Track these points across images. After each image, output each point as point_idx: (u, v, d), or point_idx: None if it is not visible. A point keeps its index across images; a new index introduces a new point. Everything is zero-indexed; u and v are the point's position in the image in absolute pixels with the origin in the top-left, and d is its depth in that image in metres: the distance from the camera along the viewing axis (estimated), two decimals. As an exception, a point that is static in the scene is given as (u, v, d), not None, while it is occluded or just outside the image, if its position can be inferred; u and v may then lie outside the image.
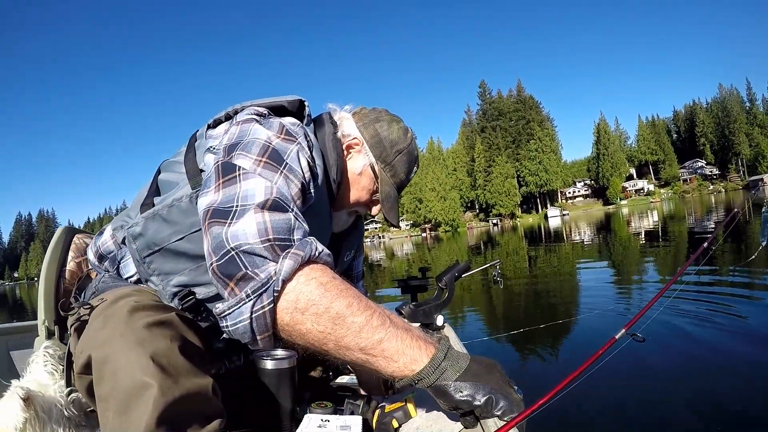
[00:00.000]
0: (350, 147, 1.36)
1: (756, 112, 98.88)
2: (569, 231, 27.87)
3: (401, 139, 1.38)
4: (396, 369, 0.87)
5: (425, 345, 0.89)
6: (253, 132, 1.08)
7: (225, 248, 0.88)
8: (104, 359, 0.89)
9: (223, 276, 0.89)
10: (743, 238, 9.41)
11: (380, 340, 0.86)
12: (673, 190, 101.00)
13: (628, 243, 14.29)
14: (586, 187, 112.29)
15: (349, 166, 1.36)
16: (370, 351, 0.86)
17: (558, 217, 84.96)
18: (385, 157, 1.36)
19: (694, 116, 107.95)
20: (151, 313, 0.97)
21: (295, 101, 1.26)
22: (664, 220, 23.73)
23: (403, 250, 33.44)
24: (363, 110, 1.43)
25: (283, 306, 0.87)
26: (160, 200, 1.18)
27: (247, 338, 0.89)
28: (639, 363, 3.21)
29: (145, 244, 1.13)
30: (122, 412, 0.83)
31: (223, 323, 0.90)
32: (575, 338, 4.27)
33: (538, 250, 16.65)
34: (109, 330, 0.93)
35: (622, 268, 8.70)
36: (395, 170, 1.38)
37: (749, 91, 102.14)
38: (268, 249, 0.88)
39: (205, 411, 0.91)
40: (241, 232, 0.89)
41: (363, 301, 0.89)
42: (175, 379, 0.87)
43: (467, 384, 0.87)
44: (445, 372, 0.87)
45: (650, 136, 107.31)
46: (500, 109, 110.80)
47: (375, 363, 0.87)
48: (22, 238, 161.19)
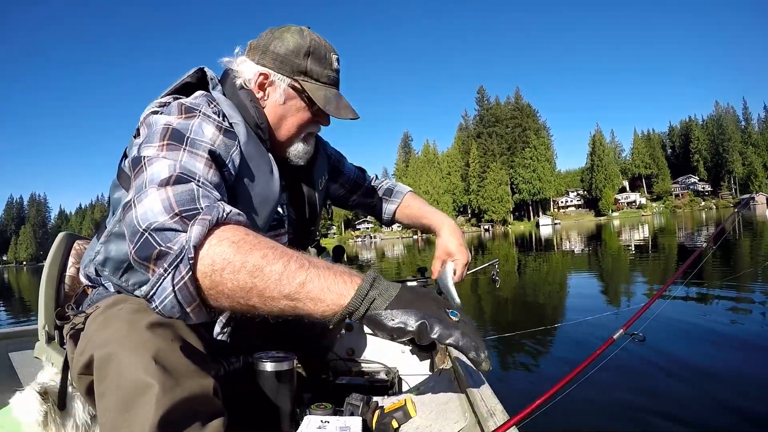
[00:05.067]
0: (261, 85, 1.30)
1: (751, 131, 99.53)
2: (560, 240, 27.95)
3: (300, 42, 1.28)
4: (324, 308, 0.87)
5: (350, 278, 0.89)
6: (155, 122, 1.09)
7: (138, 232, 0.89)
8: (106, 359, 0.89)
9: (142, 260, 0.90)
10: (734, 250, 9.55)
11: (302, 282, 0.86)
12: (664, 205, 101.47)
13: (618, 254, 14.37)
14: (578, 198, 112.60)
15: (272, 102, 1.30)
16: (294, 296, 0.86)
17: (549, 226, 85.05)
18: (298, 68, 1.28)
19: (689, 132, 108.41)
20: (152, 314, 0.96)
21: (196, 72, 1.26)
22: (655, 233, 23.87)
23: (394, 251, 33.40)
24: (253, 43, 1.34)
25: (202, 271, 0.87)
26: (110, 219, 1.19)
27: (177, 313, 0.90)
28: (639, 362, 3.26)
29: (114, 265, 1.13)
30: (124, 412, 0.84)
31: (152, 305, 0.91)
32: (573, 340, 4.32)
33: (528, 256, 16.70)
34: (112, 330, 0.93)
35: (611, 278, 8.76)
36: (315, 72, 1.29)
37: (745, 110, 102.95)
38: (177, 222, 0.88)
39: (207, 411, 0.91)
40: (149, 212, 0.90)
41: (279, 249, 0.89)
42: (177, 379, 0.87)
43: (398, 311, 0.86)
44: (374, 301, 0.87)
45: (645, 150, 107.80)
46: (497, 116, 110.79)
47: (303, 307, 0.87)
48: (13, 221, 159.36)
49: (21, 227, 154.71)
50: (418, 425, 1.38)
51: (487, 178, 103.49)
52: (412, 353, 2.21)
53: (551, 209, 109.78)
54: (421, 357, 2.22)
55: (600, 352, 1.53)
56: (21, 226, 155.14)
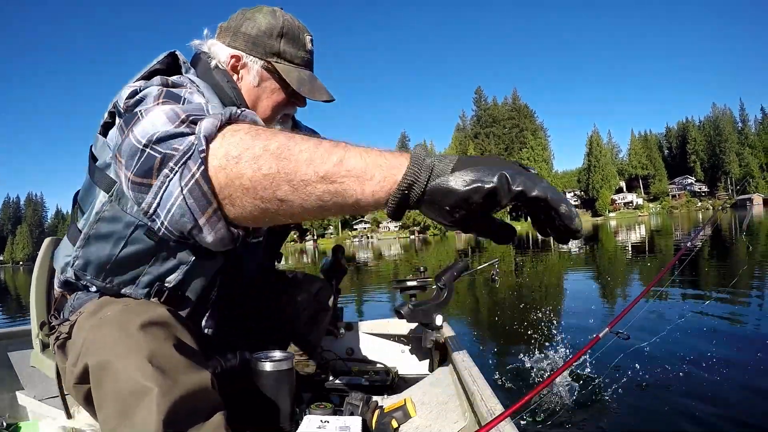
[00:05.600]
0: (234, 68, 1.27)
1: (747, 132, 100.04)
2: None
3: (272, 23, 1.26)
4: (375, 187, 0.68)
5: (397, 152, 0.72)
6: (144, 91, 0.96)
7: (137, 150, 0.77)
8: (101, 366, 0.88)
9: (143, 178, 0.77)
10: (727, 249, 9.61)
11: (340, 159, 0.69)
12: (661, 205, 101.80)
13: (614, 254, 14.42)
14: (575, 198, 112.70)
15: (246, 84, 1.28)
16: (333, 176, 0.68)
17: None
18: (270, 50, 1.26)
19: (686, 133, 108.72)
20: (142, 312, 0.95)
21: (166, 58, 1.15)
22: (651, 234, 23.95)
23: (391, 251, 33.35)
24: (223, 25, 1.31)
25: (215, 164, 0.73)
26: (84, 223, 1.11)
27: (189, 224, 0.76)
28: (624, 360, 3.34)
29: (97, 268, 1.09)
30: (124, 419, 0.83)
31: (156, 223, 0.79)
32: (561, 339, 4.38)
33: (525, 256, 16.72)
34: (103, 336, 0.92)
35: (607, 277, 8.80)
36: (288, 53, 1.27)
37: (742, 112, 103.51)
38: (185, 126, 0.78)
39: (207, 405, 0.91)
40: (149, 125, 0.79)
41: (305, 138, 0.74)
42: (174, 378, 0.86)
43: (468, 170, 0.65)
44: (434, 167, 0.67)
45: (642, 151, 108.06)
46: (494, 116, 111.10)
47: (348, 190, 0.69)
48: (9, 221, 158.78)
49: (17, 227, 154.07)
50: (418, 425, 1.40)
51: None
52: (412, 353, 2.21)
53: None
54: (420, 357, 2.24)
55: (586, 349, 1.60)
56: (17, 226, 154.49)
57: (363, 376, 2.00)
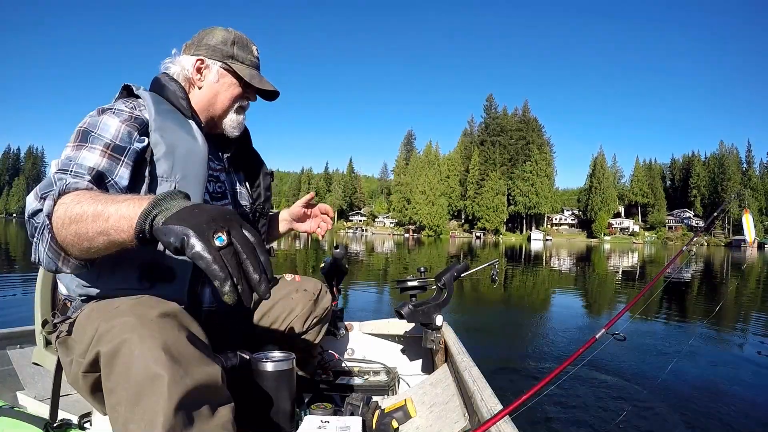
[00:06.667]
0: (199, 69, 1.53)
1: (752, 174, 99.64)
2: (549, 256, 28.03)
3: (227, 35, 1.55)
4: (126, 235, 0.90)
5: (139, 202, 0.91)
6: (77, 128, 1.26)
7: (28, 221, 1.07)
8: (115, 353, 0.92)
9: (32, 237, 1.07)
10: (718, 284, 9.69)
11: (107, 218, 0.92)
12: (657, 235, 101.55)
13: (604, 277, 14.49)
14: (573, 217, 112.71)
15: (208, 81, 1.53)
16: (105, 231, 0.93)
17: (541, 241, 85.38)
18: (227, 54, 1.54)
19: (690, 167, 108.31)
20: (156, 305, 1.01)
21: (122, 91, 1.42)
22: (643, 262, 24.01)
23: (384, 247, 33.36)
24: (188, 43, 1.59)
25: (56, 229, 0.99)
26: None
27: (53, 267, 1.03)
28: (620, 360, 3.42)
29: (86, 281, 1.21)
30: (134, 405, 0.86)
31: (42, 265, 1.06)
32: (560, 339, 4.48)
33: (517, 268, 16.78)
34: (120, 323, 0.96)
35: (594, 297, 8.88)
36: (240, 56, 1.56)
37: (749, 153, 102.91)
38: (39, 203, 1.04)
39: (216, 399, 0.95)
40: (28, 204, 1.07)
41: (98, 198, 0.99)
42: (186, 369, 0.90)
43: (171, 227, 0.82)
44: (155, 218, 0.86)
45: (644, 179, 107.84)
46: (503, 126, 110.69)
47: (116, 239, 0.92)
48: (7, 172, 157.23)
49: (15, 179, 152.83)
50: (418, 425, 1.43)
51: (485, 186, 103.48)
52: (412, 353, 2.24)
53: (545, 225, 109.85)
54: (420, 357, 2.28)
55: (583, 350, 1.66)
56: (15, 178, 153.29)
57: (363, 376, 2.02)
